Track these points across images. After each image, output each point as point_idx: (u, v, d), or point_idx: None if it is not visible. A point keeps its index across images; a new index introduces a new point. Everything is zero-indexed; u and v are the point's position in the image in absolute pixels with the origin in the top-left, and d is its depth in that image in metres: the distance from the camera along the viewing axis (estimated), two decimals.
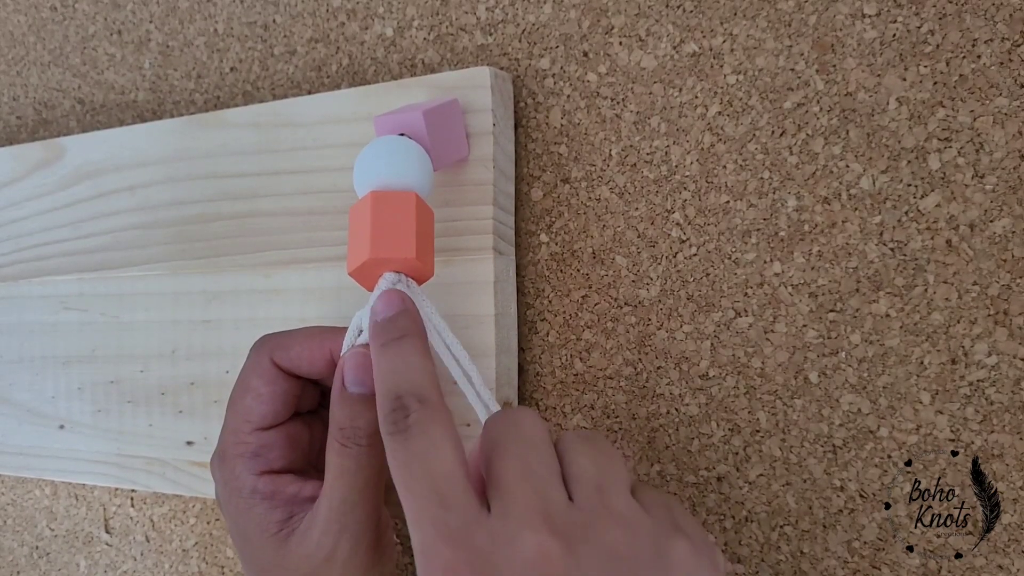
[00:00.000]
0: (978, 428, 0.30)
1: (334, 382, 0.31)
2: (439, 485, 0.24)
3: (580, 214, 0.36)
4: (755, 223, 0.33)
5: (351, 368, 0.30)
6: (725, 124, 0.34)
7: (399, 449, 0.25)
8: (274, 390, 0.32)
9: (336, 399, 0.30)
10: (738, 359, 0.33)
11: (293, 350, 0.32)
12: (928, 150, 0.30)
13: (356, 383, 0.30)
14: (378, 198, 0.31)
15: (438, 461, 0.24)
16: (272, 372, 0.32)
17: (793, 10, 0.32)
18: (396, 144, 0.32)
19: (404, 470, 0.25)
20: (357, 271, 0.31)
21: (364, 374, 0.30)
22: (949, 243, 0.30)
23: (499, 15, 0.38)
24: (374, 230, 0.30)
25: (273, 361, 0.32)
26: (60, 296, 0.48)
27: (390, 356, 0.28)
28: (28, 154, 0.49)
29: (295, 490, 0.32)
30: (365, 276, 0.31)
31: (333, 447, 0.30)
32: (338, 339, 0.32)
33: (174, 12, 0.49)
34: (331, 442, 0.30)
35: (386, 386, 0.27)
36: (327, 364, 0.32)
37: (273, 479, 0.32)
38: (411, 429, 0.25)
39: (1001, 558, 0.30)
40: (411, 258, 0.30)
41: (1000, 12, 0.29)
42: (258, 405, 0.32)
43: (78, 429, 0.47)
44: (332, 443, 0.30)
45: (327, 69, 0.44)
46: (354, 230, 0.31)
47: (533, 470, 0.25)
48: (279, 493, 0.31)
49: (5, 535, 0.56)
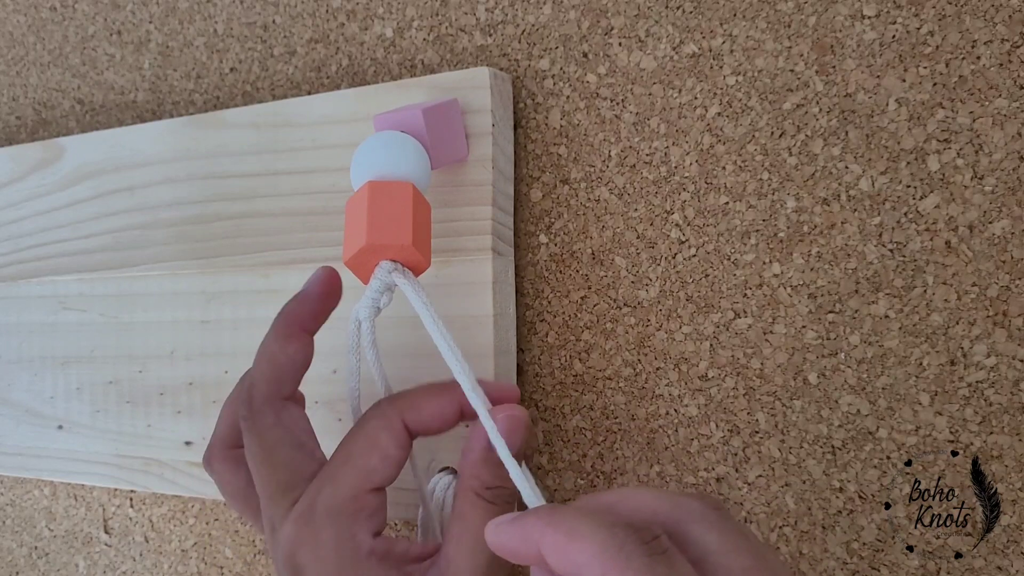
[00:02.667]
0: (977, 429, 0.30)
1: (475, 439, 0.30)
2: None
3: (579, 215, 0.36)
4: (754, 224, 0.33)
5: (505, 431, 0.29)
6: (724, 125, 0.34)
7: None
8: (401, 455, 0.30)
9: (480, 459, 0.29)
10: (737, 360, 0.33)
11: (425, 411, 0.31)
12: (927, 151, 0.30)
13: (507, 445, 0.29)
14: (375, 188, 0.31)
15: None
16: (403, 435, 0.30)
17: (792, 11, 0.32)
18: (393, 137, 0.32)
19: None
20: (353, 259, 0.31)
21: (515, 436, 0.29)
22: (948, 244, 0.30)
23: (499, 16, 0.38)
24: (370, 218, 0.30)
25: (404, 422, 0.31)
26: (59, 296, 0.48)
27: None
28: (27, 154, 0.49)
29: (404, 548, 0.30)
30: (361, 265, 0.31)
31: (476, 504, 0.29)
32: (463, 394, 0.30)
33: (174, 12, 0.49)
34: (471, 499, 0.29)
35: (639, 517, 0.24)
36: (456, 421, 0.31)
37: (385, 539, 0.30)
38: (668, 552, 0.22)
39: (1000, 559, 0.30)
40: (407, 244, 0.30)
41: (1000, 13, 0.29)
42: (384, 467, 0.30)
43: (77, 429, 0.47)
44: (474, 500, 0.29)
45: (327, 70, 0.44)
46: (350, 221, 0.31)
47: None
48: (392, 553, 0.30)
49: (4, 535, 0.56)
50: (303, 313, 0.33)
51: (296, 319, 0.32)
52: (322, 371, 0.39)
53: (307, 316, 0.33)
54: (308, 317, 0.33)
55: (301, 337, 0.32)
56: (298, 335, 0.32)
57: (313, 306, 0.33)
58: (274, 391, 0.32)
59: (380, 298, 0.31)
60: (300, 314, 0.32)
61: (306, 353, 0.33)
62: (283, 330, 0.32)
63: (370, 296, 0.31)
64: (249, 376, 0.33)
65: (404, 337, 0.37)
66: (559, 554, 0.22)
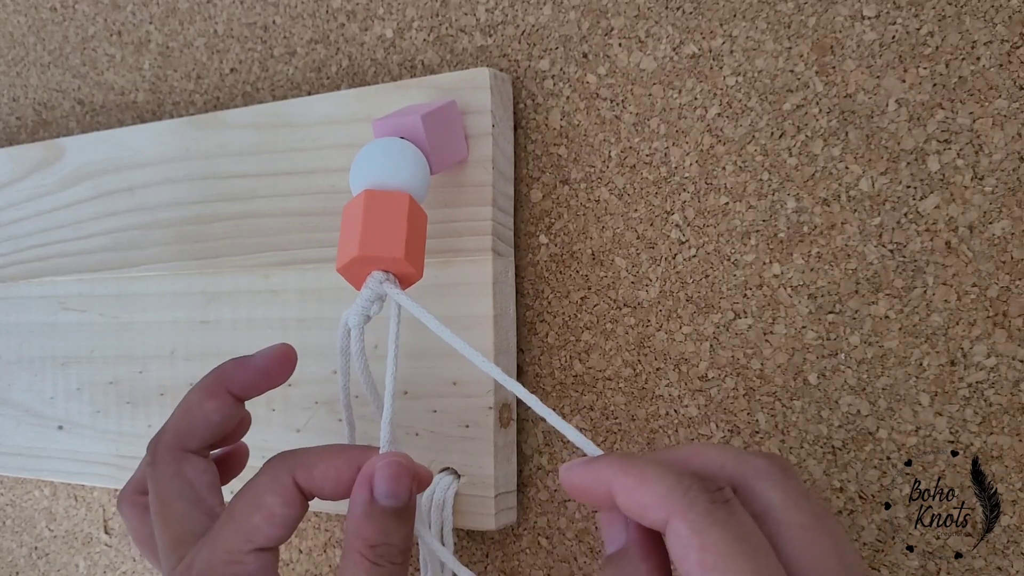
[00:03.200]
0: (977, 430, 0.30)
1: (356, 493, 0.28)
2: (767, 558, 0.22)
3: (579, 215, 0.36)
4: (754, 224, 0.33)
5: (385, 478, 0.27)
6: (724, 126, 0.34)
7: (727, 522, 0.22)
8: (289, 513, 0.29)
9: (362, 513, 0.27)
10: (737, 360, 0.33)
11: (317, 469, 0.29)
12: (927, 152, 0.30)
13: (389, 495, 0.27)
14: (371, 197, 0.31)
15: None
16: (292, 493, 0.29)
17: (792, 12, 0.32)
18: (393, 145, 0.32)
19: (735, 544, 0.21)
20: (345, 268, 0.31)
21: (398, 485, 0.27)
22: (948, 245, 0.30)
23: (499, 16, 0.38)
24: (364, 228, 0.30)
25: (295, 480, 0.29)
26: (59, 296, 0.48)
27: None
28: (28, 155, 0.49)
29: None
30: (353, 274, 0.31)
31: (360, 565, 0.27)
32: (366, 458, 0.29)
33: (174, 13, 0.49)
34: (355, 559, 0.27)
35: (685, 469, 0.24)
36: (351, 486, 0.29)
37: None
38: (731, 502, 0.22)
39: (1000, 559, 0.30)
40: (399, 258, 0.30)
41: (999, 14, 0.29)
42: (268, 527, 0.28)
43: (77, 430, 0.47)
44: (358, 560, 0.27)
45: (327, 70, 0.44)
46: (346, 227, 0.31)
47: None
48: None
49: (4, 536, 0.56)
50: (237, 378, 0.32)
51: (226, 380, 0.32)
52: (322, 371, 0.39)
53: (240, 382, 0.32)
54: (240, 383, 0.32)
55: (224, 398, 0.32)
56: (222, 395, 0.32)
57: (250, 375, 0.32)
58: (180, 441, 0.32)
59: (370, 307, 0.31)
60: (233, 377, 0.32)
61: (224, 415, 0.32)
62: (209, 387, 0.32)
63: (360, 304, 0.31)
64: (165, 422, 0.33)
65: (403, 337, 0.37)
66: (628, 495, 0.23)
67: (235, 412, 0.33)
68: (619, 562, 0.24)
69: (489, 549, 0.39)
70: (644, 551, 0.24)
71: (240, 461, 0.37)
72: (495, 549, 0.38)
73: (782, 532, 0.23)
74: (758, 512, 0.23)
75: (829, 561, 0.22)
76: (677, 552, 0.22)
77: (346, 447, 0.30)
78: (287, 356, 0.33)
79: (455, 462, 0.36)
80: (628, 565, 0.24)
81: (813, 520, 0.23)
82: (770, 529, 0.23)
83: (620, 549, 0.25)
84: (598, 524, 0.25)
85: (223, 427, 0.32)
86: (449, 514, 0.35)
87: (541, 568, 0.37)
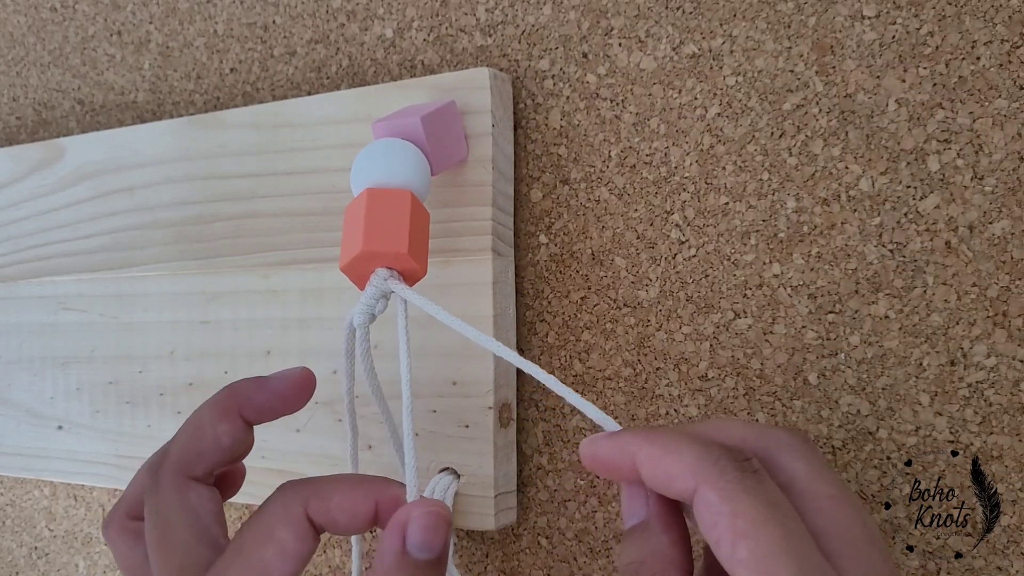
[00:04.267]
0: (977, 430, 0.30)
1: (388, 541, 0.26)
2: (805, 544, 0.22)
3: (579, 215, 0.36)
4: (754, 224, 0.33)
5: (421, 529, 0.26)
6: (724, 125, 0.34)
7: (757, 489, 0.22)
8: (301, 548, 0.27)
9: (392, 564, 0.26)
10: (737, 360, 0.33)
11: (332, 501, 0.27)
12: (927, 152, 0.30)
13: (424, 548, 0.26)
14: (373, 195, 0.31)
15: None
16: (304, 527, 0.27)
17: (792, 12, 0.32)
18: (393, 145, 0.32)
19: (766, 510, 0.22)
20: (349, 265, 0.31)
21: (435, 537, 0.26)
22: (948, 245, 0.30)
23: (499, 16, 0.38)
24: (367, 224, 0.30)
25: (307, 513, 0.27)
26: (59, 296, 0.48)
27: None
28: (27, 155, 0.49)
29: None
30: (357, 272, 0.31)
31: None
32: (386, 492, 0.28)
33: (174, 13, 0.49)
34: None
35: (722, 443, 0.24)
36: (369, 521, 0.28)
37: None
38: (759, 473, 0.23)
39: (1000, 559, 0.30)
40: (403, 253, 0.30)
41: (999, 14, 0.29)
42: (280, 563, 0.26)
43: (77, 430, 0.47)
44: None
45: (327, 70, 0.44)
46: (348, 227, 0.31)
47: None
48: None
49: (4, 536, 0.56)
50: (252, 399, 0.30)
51: (241, 401, 0.30)
52: (322, 371, 0.39)
53: (255, 404, 0.30)
54: (255, 406, 0.30)
55: (236, 421, 0.30)
56: (234, 418, 0.30)
57: (267, 398, 0.30)
58: (186, 467, 0.29)
59: (375, 305, 0.30)
60: (248, 398, 0.30)
61: (235, 439, 0.29)
62: (223, 405, 0.30)
63: (365, 303, 0.30)
64: (168, 443, 0.30)
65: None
66: (654, 465, 0.23)
67: (245, 437, 0.30)
68: (640, 534, 0.24)
69: (489, 549, 0.39)
70: (665, 523, 0.24)
71: (236, 482, 0.35)
72: (495, 549, 0.38)
73: (807, 502, 0.23)
74: (783, 483, 0.23)
75: (854, 529, 0.23)
76: (707, 520, 0.22)
77: (364, 478, 0.29)
78: (307, 381, 0.31)
79: (455, 462, 0.36)
80: (650, 537, 0.24)
81: (837, 490, 0.23)
82: (795, 499, 0.23)
83: (641, 522, 0.25)
84: (620, 497, 0.25)
85: (232, 453, 0.30)
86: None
87: (541, 568, 0.37)
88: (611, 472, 0.25)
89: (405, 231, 0.30)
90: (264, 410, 0.30)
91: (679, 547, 0.24)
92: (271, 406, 0.30)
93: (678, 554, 0.24)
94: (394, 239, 0.30)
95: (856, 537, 0.22)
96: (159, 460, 0.30)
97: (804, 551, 0.21)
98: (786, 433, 0.25)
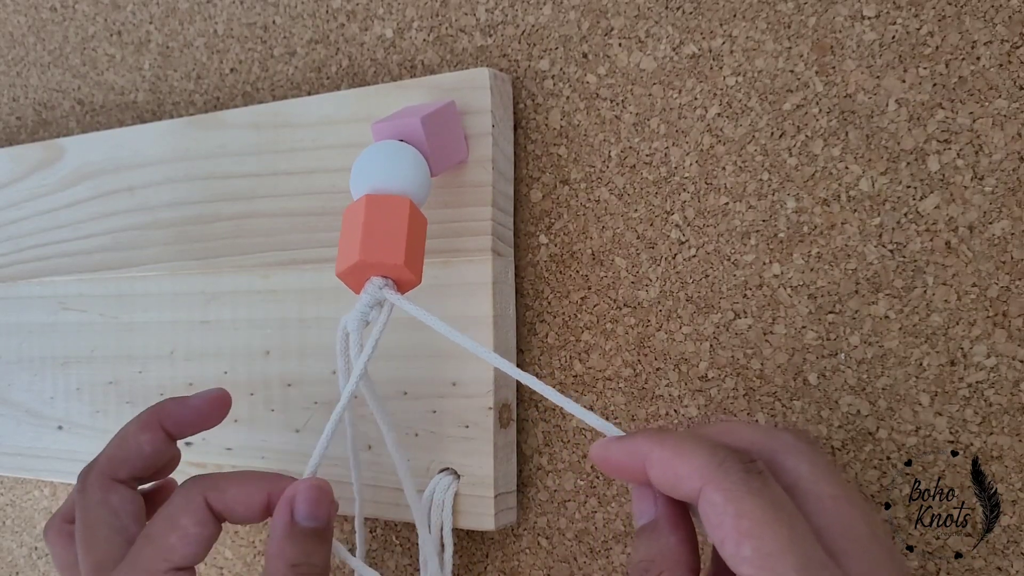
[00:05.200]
0: (977, 430, 0.30)
1: (278, 515, 0.29)
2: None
3: (579, 215, 0.36)
4: (754, 224, 0.33)
5: (306, 500, 0.29)
6: (724, 126, 0.34)
7: (761, 491, 0.23)
8: (202, 533, 0.30)
9: (284, 534, 0.29)
10: (737, 360, 0.33)
11: (228, 493, 0.30)
12: (927, 152, 0.30)
13: (310, 517, 0.29)
14: (372, 202, 0.31)
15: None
16: (205, 514, 0.30)
17: (792, 12, 0.32)
18: (393, 149, 0.32)
19: (770, 510, 0.22)
20: (345, 273, 0.31)
21: (319, 508, 0.29)
22: (948, 245, 0.30)
23: (499, 16, 0.38)
24: (365, 233, 0.30)
25: (207, 502, 0.31)
26: (59, 296, 0.48)
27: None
28: (28, 155, 0.49)
29: None
30: (352, 279, 0.31)
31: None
32: (278, 485, 0.31)
33: (174, 13, 0.49)
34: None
35: (737, 445, 0.24)
36: (263, 511, 0.31)
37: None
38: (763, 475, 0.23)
39: (1000, 559, 0.30)
40: (399, 264, 0.30)
41: (999, 14, 0.29)
42: (183, 546, 0.30)
43: (76, 430, 0.47)
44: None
45: (327, 70, 0.44)
46: (346, 232, 0.31)
47: None
48: None
49: (4, 536, 0.56)
50: (174, 415, 0.34)
51: (163, 417, 0.34)
52: (322, 371, 0.39)
53: (175, 419, 0.34)
54: (175, 420, 0.34)
55: (157, 432, 0.34)
56: (156, 430, 0.33)
57: (186, 413, 0.34)
58: (111, 471, 0.33)
59: (369, 312, 0.31)
60: (170, 414, 0.34)
61: (156, 448, 0.34)
62: (145, 420, 0.34)
63: (359, 310, 0.31)
64: (100, 453, 0.34)
65: (403, 338, 0.37)
66: (663, 467, 0.24)
67: (167, 448, 0.34)
68: (650, 533, 0.25)
69: (489, 549, 0.39)
70: (673, 523, 0.25)
71: (167, 497, 0.38)
72: (495, 549, 0.38)
73: (811, 503, 0.23)
74: (787, 484, 0.24)
75: (859, 528, 0.23)
76: (712, 520, 0.22)
77: (260, 474, 0.31)
78: (222, 400, 0.35)
79: (455, 462, 0.36)
80: (659, 536, 0.25)
81: (842, 491, 0.24)
82: (799, 500, 0.24)
83: (650, 521, 0.26)
84: (632, 498, 0.27)
85: (154, 460, 0.34)
86: (449, 514, 0.35)
87: (541, 568, 0.37)
88: (622, 473, 0.26)
89: (402, 242, 0.30)
90: (183, 424, 0.34)
91: (686, 546, 0.25)
92: (189, 420, 0.34)
93: (686, 552, 0.25)
94: (391, 250, 0.30)
95: (860, 535, 0.23)
96: (89, 467, 0.34)
97: (808, 549, 0.21)
98: (791, 435, 0.25)
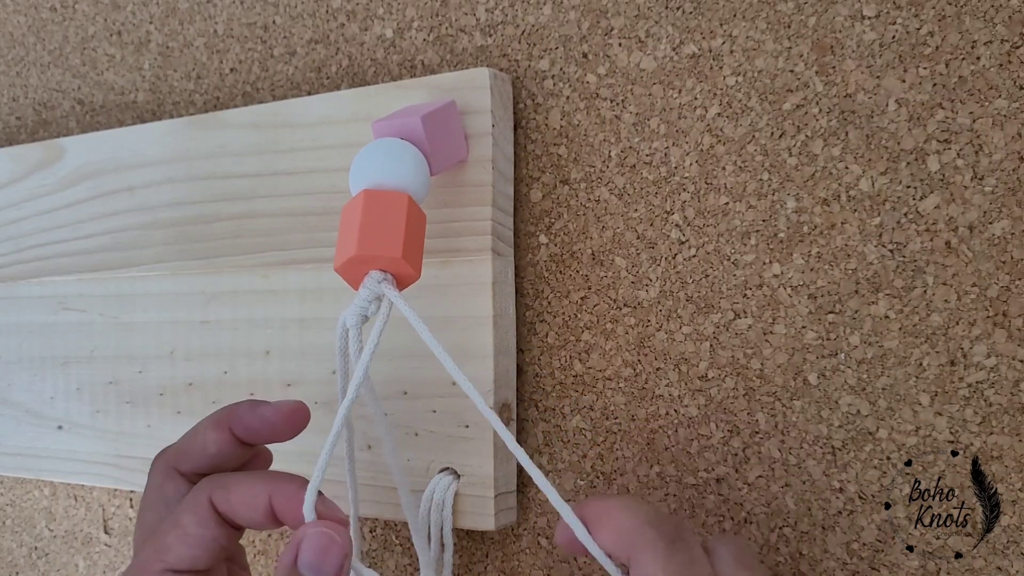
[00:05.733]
0: (977, 430, 0.30)
1: (284, 556, 0.28)
2: None
3: (579, 215, 0.36)
4: (754, 224, 0.33)
5: (310, 548, 0.27)
6: (724, 125, 0.34)
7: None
8: (203, 534, 0.29)
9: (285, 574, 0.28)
10: (737, 360, 0.33)
11: (233, 493, 0.29)
12: (927, 152, 0.30)
13: (312, 567, 0.27)
14: (370, 196, 0.31)
15: None
16: (207, 514, 0.29)
17: (792, 12, 0.32)
18: (393, 146, 0.32)
19: None
20: (343, 267, 0.31)
21: (324, 557, 0.27)
22: (948, 245, 0.30)
23: (499, 16, 0.38)
24: (363, 227, 0.30)
25: (211, 501, 0.30)
26: (59, 296, 0.48)
27: None
28: (27, 155, 0.49)
29: None
30: (351, 273, 0.31)
31: None
32: (281, 487, 0.29)
33: (174, 13, 0.49)
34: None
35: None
36: (266, 513, 0.30)
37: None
38: None
39: (1000, 559, 0.30)
40: (397, 257, 0.30)
41: (999, 14, 0.29)
42: (180, 546, 0.29)
43: (77, 430, 0.47)
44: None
45: (327, 70, 0.44)
46: (344, 227, 0.31)
47: None
48: None
49: (4, 536, 0.56)
50: (245, 419, 0.32)
51: (234, 419, 0.33)
52: (322, 371, 0.39)
53: (244, 425, 0.32)
54: (244, 425, 0.32)
55: (225, 434, 0.32)
56: (224, 431, 0.32)
57: (257, 421, 0.32)
58: (175, 461, 0.33)
59: (368, 307, 0.31)
60: (241, 417, 0.33)
61: (221, 448, 0.32)
62: (219, 419, 0.33)
63: (358, 305, 0.31)
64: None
65: (402, 338, 0.37)
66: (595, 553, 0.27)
67: (234, 450, 0.33)
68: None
69: (489, 549, 0.39)
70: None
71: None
72: (495, 549, 0.38)
73: None
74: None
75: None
76: None
77: (264, 473, 0.31)
78: (298, 414, 0.33)
79: (455, 462, 0.36)
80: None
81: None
82: None
83: None
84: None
85: (219, 460, 0.32)
86: (449, 514, 0.35)
87: (541, 568, 0.37)
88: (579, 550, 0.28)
89: (400, 235, 0.30)
90: (252, 431, 0.32)
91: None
92: (258, 429, 0.32)
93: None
94: (389, 243, 0.30)
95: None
96: (163, 451, 0.34)
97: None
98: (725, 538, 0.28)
